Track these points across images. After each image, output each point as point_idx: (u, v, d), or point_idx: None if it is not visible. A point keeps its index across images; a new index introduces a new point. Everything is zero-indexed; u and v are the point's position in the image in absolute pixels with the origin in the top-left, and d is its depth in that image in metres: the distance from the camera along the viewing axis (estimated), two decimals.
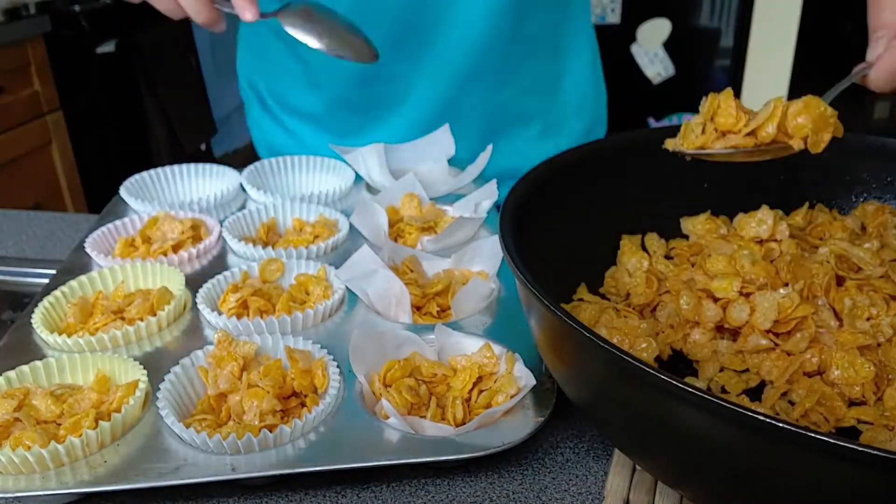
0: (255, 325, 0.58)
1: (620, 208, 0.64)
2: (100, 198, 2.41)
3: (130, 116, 2.46)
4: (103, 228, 0.74)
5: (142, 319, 0.60)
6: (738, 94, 2.86)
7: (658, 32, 2.53)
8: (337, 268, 0.64)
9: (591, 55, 0.94)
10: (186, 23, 0.92)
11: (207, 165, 0.86)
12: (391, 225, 0.73)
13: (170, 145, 2.52)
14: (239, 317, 0.60)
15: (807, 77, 3.47)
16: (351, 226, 0.73)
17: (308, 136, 0.94)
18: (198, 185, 0.87)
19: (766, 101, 0.52)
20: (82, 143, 2.29)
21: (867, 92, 0.55)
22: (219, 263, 0.71)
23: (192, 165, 0.86)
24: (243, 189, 0.83)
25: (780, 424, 0.31)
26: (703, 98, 0.53)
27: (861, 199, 0.65)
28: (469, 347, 0.56)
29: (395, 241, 0.72)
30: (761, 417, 0.31)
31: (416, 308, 0.62)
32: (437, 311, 0.62)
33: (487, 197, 0.75)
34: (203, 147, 2.74)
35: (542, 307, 0.41)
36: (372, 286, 0.61)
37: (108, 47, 2.37)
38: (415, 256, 0.67)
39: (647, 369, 0.35)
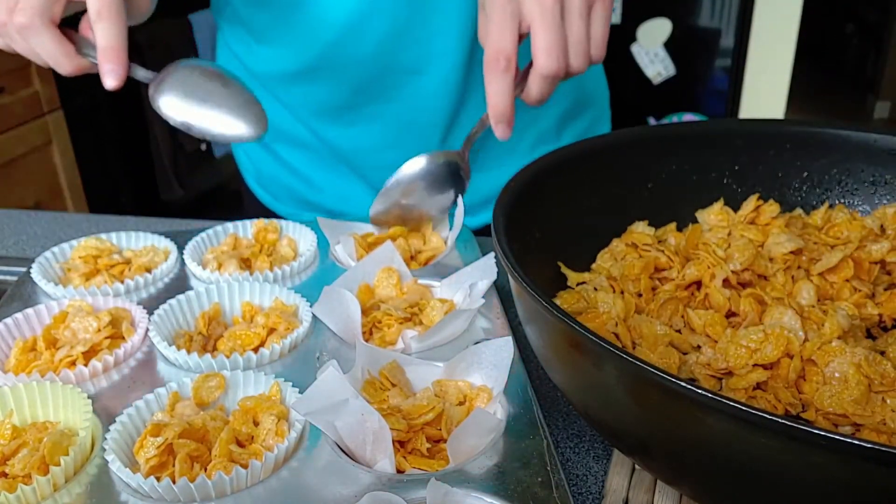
0: (182, 489, 0.44)
1: (635, 205, 0.63)
2: (100, 198, 2.41)
3: (130, 116, 2.46)
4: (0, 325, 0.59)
5: (27, 480, 0.44)
6: (738, 95, 2.83)
7: (658, 32, 2.53)
8: (295, 384, 0.53)
9: None
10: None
11: (142, 234, 0.73)
12: (365, 311, 0.60)
13: (170, 145, 2.52)
14: (160, 472, 0.46)
15: (807, 77, 3.47)
16: (314, 316, 0.61)
17: (299, 164, 0.90)
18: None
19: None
20: (82, 143, 2.29)
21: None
22: (143, 375, 0.56)
23: (124, 234, 0.73)
24: (183, 262, 0.70)
25: (769, 417, 0.31)
26: None
27: (884, 202, 0.65)
28: None
29: (371, 334, 0.60)
30: (752, 411, 0.31)
31: (400, 444, 0.49)
32: (428, 448, 0.49)
33: (484, 276, 0.62)
34: (203, 147, 2.74)
35: (553, 319, 0.40)
36: (341, 418, 0.48)
37: None
38: (396, 363, 0.54)
39: (653, 370, 0.35)
